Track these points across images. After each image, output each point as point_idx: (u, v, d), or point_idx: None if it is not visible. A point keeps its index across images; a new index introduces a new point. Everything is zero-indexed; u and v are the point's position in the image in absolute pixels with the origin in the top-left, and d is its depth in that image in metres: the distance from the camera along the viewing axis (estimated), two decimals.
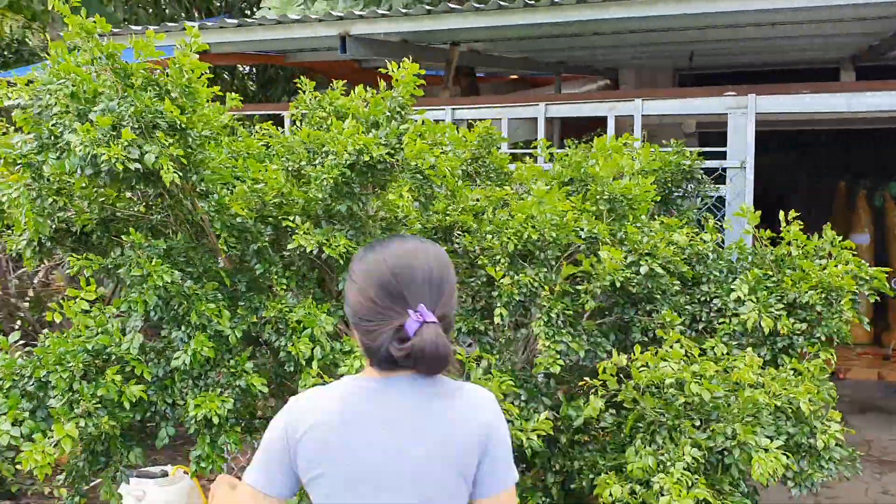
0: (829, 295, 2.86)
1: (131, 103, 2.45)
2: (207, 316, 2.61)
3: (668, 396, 2.46)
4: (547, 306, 2.76)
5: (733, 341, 2.94)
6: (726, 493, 2.37)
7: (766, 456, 2.28)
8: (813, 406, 2.58)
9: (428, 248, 1.53)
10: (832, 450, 2.53)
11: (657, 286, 2.90)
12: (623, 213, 3.08)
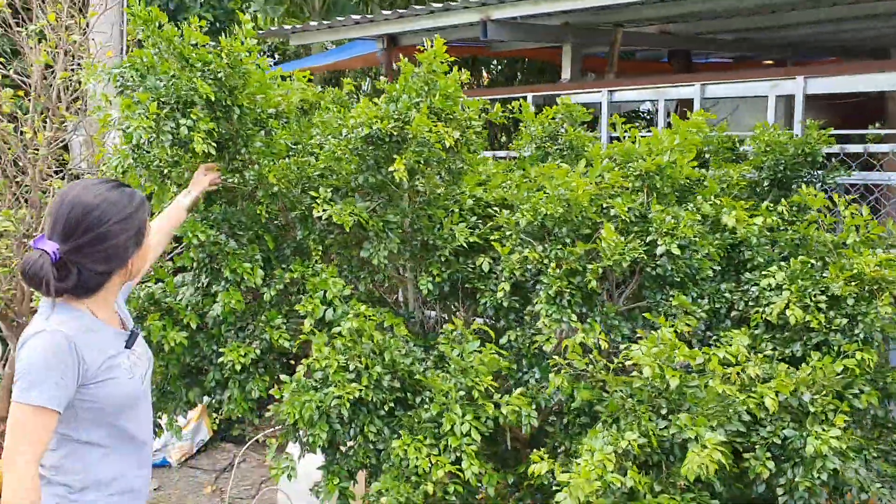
0: (867, 288, 2.52)
1: (171, 82, 2.81)
2: (240, 273, 2.90)
3: (642, 382, 2.35)
4: (547, 283, 2.74)
5: (767, 334, 2.70)
6: (670, 487, 2.22)
7: (699, 450, 2.11)
8: (814, 407, 2.32)
9: (77, 191, 2.03)
10: (829, 458, 2.25)
11: (678, 268, 2.74)
12: (664, 192, 2.93)
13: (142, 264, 2.27)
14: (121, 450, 2.25)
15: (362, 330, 2.71)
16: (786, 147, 3.59)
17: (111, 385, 2.16)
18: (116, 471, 2.25)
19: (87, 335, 2.14)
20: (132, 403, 2.24)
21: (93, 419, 2.19)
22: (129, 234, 2.14)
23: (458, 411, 2.56)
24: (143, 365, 2.31)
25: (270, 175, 2.99)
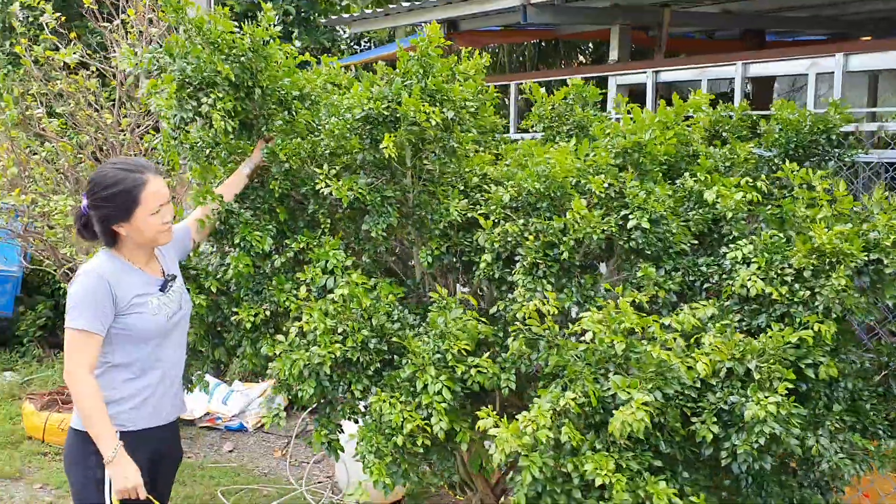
0: (827, 261, 2.57)
1: (196, 65, 3.10)
2: (249, 241, 3.19)
3: (588, 346, 2.50)
4: (524, 254, 2.90)
5: (737, 306, 2.78)
6: (611, 445, 2.36)
7: (625, 411, 2.24)
8: (759, 374, 2.41)
9: (104, 164, 2.32)
10: (767, 423, 2.34)
11: (650, 242, 2.85)
12: (646, 168, 3.04)
13: (154, 232, 2.83)
14: (146, 376, 2.89)
15: (353, 296, 2.94)
16: (800, 124, 3.60)
17: (136, 317, 2.82)
18: (137, 391, 2.87)
19: (119, 275, 2.82)
20: (157, 336, 2.88)
21: (123, 344, 2.83)
22: (112, 205, 2.73)
23: (432, 372, 2.75)
24: (173, 307, 2.94)
25: (281, 153, 3.25)
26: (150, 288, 2.89)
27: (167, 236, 2.91)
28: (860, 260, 2.55)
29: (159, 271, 2.98)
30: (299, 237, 3.24)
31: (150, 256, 2.98)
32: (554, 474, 2.36)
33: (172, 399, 3.03)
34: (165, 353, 2.95)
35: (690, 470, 2.57)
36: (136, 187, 2.77)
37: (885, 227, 2.60)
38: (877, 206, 2.72)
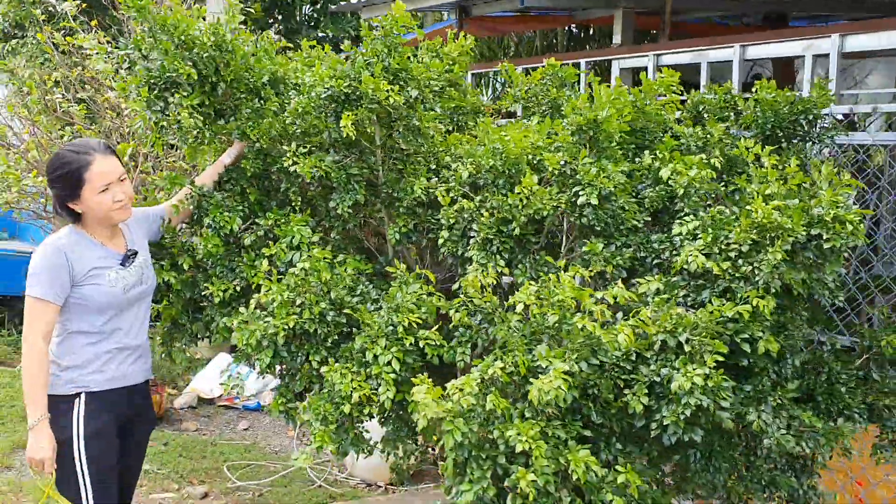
0: (766, 236, 2.57)
1: (158, 63, 3.21)
2: (219, 221, 3.30)
3: (519, 317, 2.54)
4: (477, 230, 2.95)
5: (684, 281, 2.80)
6: (539, 413, 2.40)
7: (545, 379, 2.29)
8: (689, 347, 2.44)
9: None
10: (694, 395, 2.36)
11: (600, 219, 2.88)
12: (604, 146, 3.06)
13: (105, 210, 2.98)
14: (105, 343, 3.06)
15: (314, 269, 3.03)
16: (778, 105, 3.58)
17: (92, 288, 2.99)
18: (97, 356, 3.04)
19: (78, 248, 2.99)
20: (114, 307, 3.04)
21: (80, 313, 3.00)
22: (61, 184, 2.93)
23: (382, 343, 2.83)
24: (132, 281, 3.10)
25: (252, 133, 3.34)
26: (108, 261, 3.05)
27: (122, 213, 3.04)
28: (800, 235, 2.55)
29: (122, 246, 3.14)
30: (268, 214, 3.34)
31: (115, 232, 3.14)
32: (480, 441, 2.41)
33: (136, 365, 3.18)
34: (124, 323, 3.11)
35: (625, 442, 2.60)
36: (81, 167, 2.91)
37: (827, 203, 2.58)
38: (825, 182, 2.71)
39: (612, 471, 2.44)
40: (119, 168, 3.03)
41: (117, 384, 3.11)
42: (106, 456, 3.04)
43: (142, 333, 3.22)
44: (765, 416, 2.65)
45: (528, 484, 2.29)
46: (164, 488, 5.27)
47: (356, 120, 3.11)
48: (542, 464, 2.31)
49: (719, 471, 2.86)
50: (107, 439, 3.05)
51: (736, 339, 2.54)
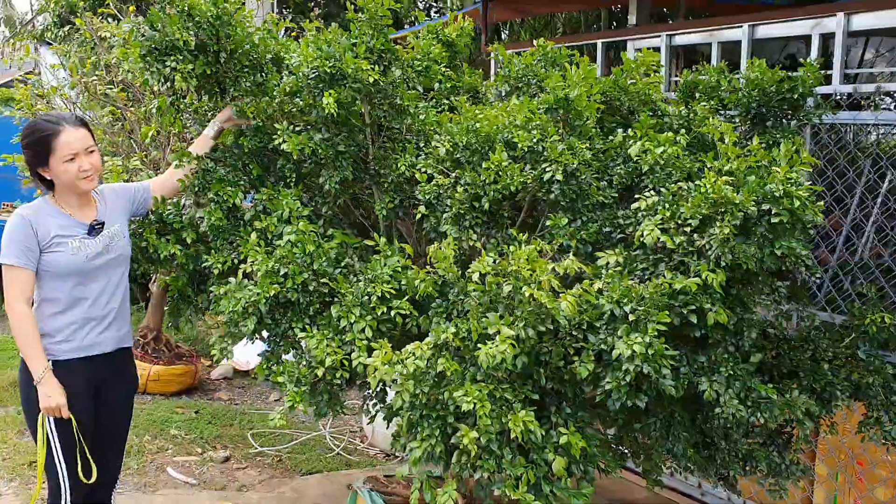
0: (717, 211, 2.64)
1: (159, 31, 3.40)
2: (222, 195, 3.49)
3: (475, 286, 2.67)
4: (450, 205, 3.08)
5: (644, 255, 2.89)
6: (490, 377, 2.53)
7: (491, 345, 2.41)
8: (633, 316, 2.54)
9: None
10: (634, 362, 2.47)
11: (566, 194, 2.98)
12: (575, 124, 3.16)
13: (71, 178, 3.16)
14: (72, 311, 3.24)
15: (299, 242, 3.20)
16: (764, 84, 3.62)
17: (55, 255, 3.17)
18: (65, 326, 3.23)
19: (44, 217, 3.18)
20: (76, 274, 3.20)
21: (47, 280, 3.21)
22: (31, 151, 3.15)
23: (357, 312, 2.99)
24: (96, 250, 3.25)
25: (248, 110, 3.52)
26: (73, 230, 3.21)
27: (87, 183, 3.21)
28: (751, 210, 2.61)
29: (92, 217, 3.30)
30: (262, 190, 3.52)
31: (86, 203, 3.31)
32: (431, 402, 2.55)
33: (106, 334, 3.34)
34: (90, 293, 3.27)
35: (577, 407, 2.71)
36: (48, 136, 3.11)
37: (779, 179, 2.64)
38: (783, 159, 2.76)
39: (556, 432, 2.56)
40: (88, 140, 3.19)
41: (84, 353, 3.28)
42: (76, 416, 3.22)
43: (112, 303, 3.35)
44: (717, 385, 2.73)
45: (471, 441, 2.43)
46: (189, 452, 5.54)
47: (340, 99, 3.25)
48: (486, 423, 2.44)
49: (678, 440, 2.95)
50: (73, 403, 3.21)
51: (683, 311, 2.62)
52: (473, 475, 2.49)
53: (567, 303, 2.47)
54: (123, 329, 3.45)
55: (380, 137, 3.58)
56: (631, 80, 3.64)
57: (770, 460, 3.58)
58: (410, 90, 3.49)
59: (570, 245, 2.97)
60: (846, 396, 3.59)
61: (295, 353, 3.18)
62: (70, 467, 3.27)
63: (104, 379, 3.38)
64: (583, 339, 2.64)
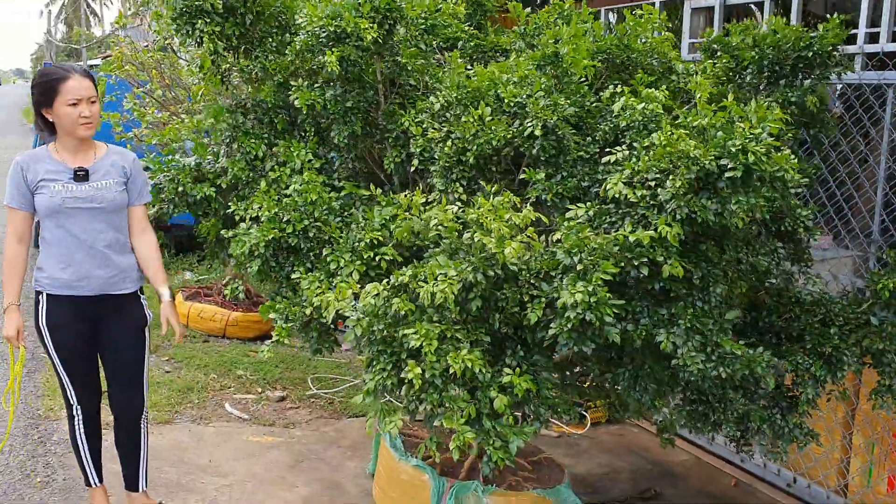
0: (674, 164, 2.68)
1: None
2: (246, 147, 3.77)
3: (436, 233, 2.83)
4: (438, 157, 3.24)
5: (615, 209, 2.97)
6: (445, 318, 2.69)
7: (431, 284, 2.56)
8: (581, 265, 2.64)
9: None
10: (576, 309, 2.57)
11: (545, 150, 3.08)
12: (565, 81, 3.23)
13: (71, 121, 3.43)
14: (57, 249, 3.53)
15: (305, 191, 3.43)
16: (777, 41, 3.58)
17: (39, 196, 3.48)
18: (52, 263, 3.55)
19: (35, 162, 3.51)
20: (55, 214, 3.47)
21: (41, 219, 3.54)
22: (38, 91, 3.47)
23: (347, 256, 3.20)
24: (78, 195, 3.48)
25: (270, 67, 3.76)
26: (59, 175, 3.47)
27: (85, 130, 3.45)
28: (710, 165, 2.64)
29: (79, 162, 3.52)
30: (279, 143, 3.76)
31: (83, 150, 3.54)
32: (387, 339, 2.74)
33: (88, 277, 3.55)
34: (71, 235, 3.50)
35: (531, 351, 2.83)
36: (57, 80, 3.39)
37: (741, 134, 2.66)
38: (753, 116, 2.76)
39: (502, 373, 2.70)
40: (92, 91, 3.43)
41: (68, 291, 3.54)
42: (66, 342, 3.58)
43: (93, 248, 3.53)
44: (674, 337, 2.79)
45: (416, 376, 2.60)
46: (248, 391, 5.95)
47: (345, 56, 3.44)
48: (432, 360, 2.61)
49: (646, 391, 3.02)
50: (65, 331, 3.55)
51: (634, 263, 2.69)
52: (419, 407, 2.66)
53: (511, 249, 2.59)
54: (116, 276, 3.62)
55: (392, 94, 3.74)
56: (644, 39, 3.66)
57: (772, 422, 3.59)
58: (413, 47, 3.63)
59: (547, 199, 3.06)
60: (854, 362, 3.55)
61: (293, 294, 3.42)
62: (75, 387, 3.68)
63: (100, 317, 3.64)
64: (538, 288, 2.76)
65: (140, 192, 3.71)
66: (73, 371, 3.68)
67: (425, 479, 4.04)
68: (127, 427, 3.87)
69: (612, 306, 2.60)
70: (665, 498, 4.85)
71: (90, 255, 3.53)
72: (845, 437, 4.79)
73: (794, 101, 3.55)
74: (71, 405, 3.74)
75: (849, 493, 4.70)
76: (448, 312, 2.73)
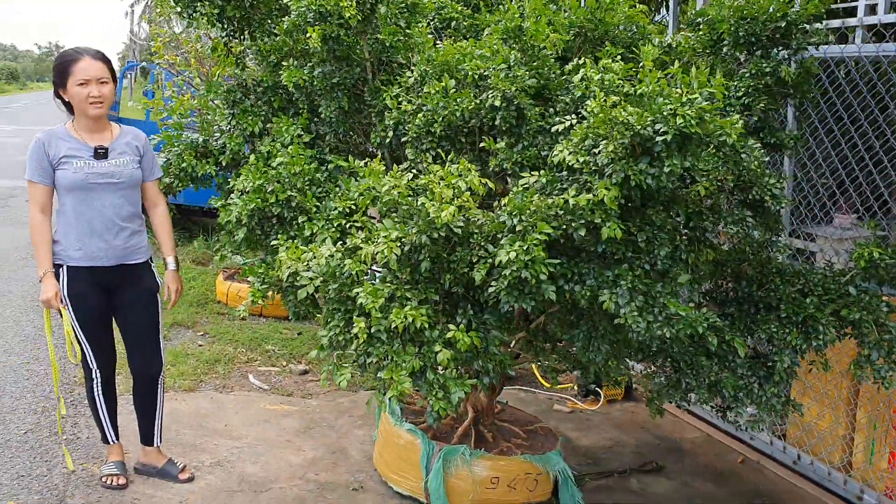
0: (610, 130, 2.79)
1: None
2: (243, 124, 4.01)
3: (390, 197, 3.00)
4: (409, 128, 3.41)
5: (568, 176, 3.09)
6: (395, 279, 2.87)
7: (371, 245, 2.74)
8: (520, 226, 2.77)
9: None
10: (512, 267, 2.71)
11: (505, 120, 3.22)
12: (534, 55, 3.36)
13: (81, 100, 3.71)
14: (75, 224, 3.79)
15: (291, 164, 3.64)
16: (752, 12, 3.63)
17: (61, 172, 3.77)
18: (71, 236, 3.81)
19: (56, 140, 3.79)
20: (76, 189, 3.75)
21: (60, 195, 3.81)
22: (55, 72, 3.74)
23: (321, 224, 3.40)
24: (98, 171, 3.77)
25: (264, 48, 3.99)
26: (80, 152, 3.76)
27: (94, 109, 3.72)
28: (645, 131, 2.73)
29: (98, 140, 3.81)
30: (274, 120, 3.98)
31: (100, 130, 3.83)
32: (342, 298, 2.92)
33: (106, 248, 3.83)
34: (91, 209, 3.78)
35: (481, 311, 2.98)
36: (70, 61, 3.69)
37: (676, 99, 2.75)
38: (695, 82, 2.85)
39: (447, 328, 2.85)
40: (103, 72, 3.70)
41: (87, 262, 3.82)
42: (86, 310, 3.86)
43: (115, 221, 3.82)
44: (617, 297, 2.90)
45: (362, 330, 2.79)
46: (273, 364, 6.23)
47: (329, 34, 3.63)
48: (377, 316, 2.78)
49: (598, 352, 3.14)
50: (86, 300, 3.83)
51: (573, 225, 2.81)
52: (367, 360, 2.84)
53: (447, 213, 2.74)
54: (130, 246, 3.91)
55: (380, 72, 3.92)
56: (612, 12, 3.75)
57: (749, 391, 3.65)
58: (391, 24, 3.80)
59: (507, 167, 3.20)
60: (833, 332, 3.58)
61: (274, 260, 3.63)
62: (94, 352, 3.98)
63: (116, 286, 3.93)
64: (486, 250, 2.90)
65: (152, 168, 4.04)
66: (92, 337, 3.96)
67: (418, 442, 4.22)
68: (144, 386, 4.17)
69: (547, 265, 2.73)
70: (667, 472, 4.92)
71: (109, 228, 3.82)
72: (849, 414, 4.77)
73: (768, 72, 3.59)
74: (91, 369, 4.03)
75: (852, 469, 4.69)
76: (399, 273, 2.90)
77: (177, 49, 7.43)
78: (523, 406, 5.46)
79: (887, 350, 3.56)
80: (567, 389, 6.12)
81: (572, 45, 3.64)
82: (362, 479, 4.47)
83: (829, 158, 4.75)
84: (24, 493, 4.05)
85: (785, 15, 3.58)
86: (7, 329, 6.66)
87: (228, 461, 4.57)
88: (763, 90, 3.58)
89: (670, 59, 3.58)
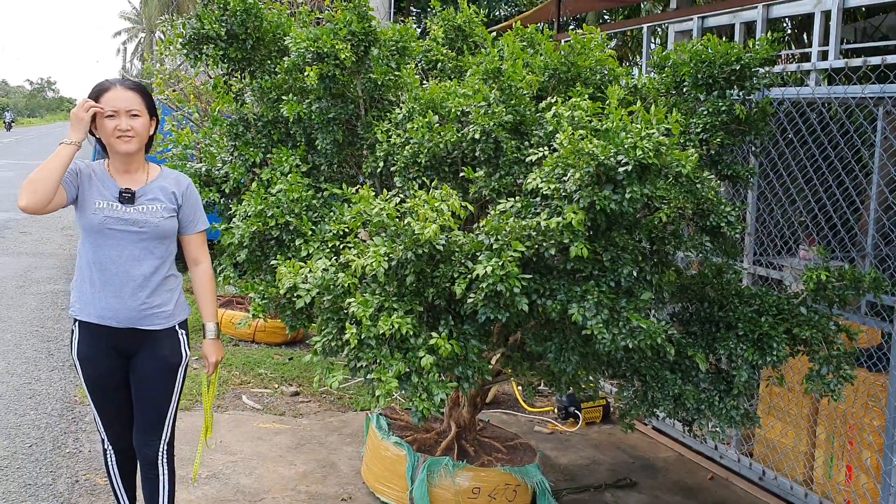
0: (577, 160, 3.14)
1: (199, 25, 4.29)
2: (245, 155, 4.35)
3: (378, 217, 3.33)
4: (396, 160, 3.75)
5: (541, 202, 3.43)
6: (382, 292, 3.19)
7: (361, 259, 3.07)
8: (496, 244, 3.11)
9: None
10: (487, 281, 3.04)
11: (483, 151, 3.57)
12: (508, 94, 3.73)
13: (108, 134, 3.24)
14: (88, 276, 3.32)
15: (289, 191, 3.98)
16: (708, 56, 4.01)
17: (81, 208, 3.26)
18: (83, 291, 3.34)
19: (90, 174, 3.29)
20: (93, 232, 3.27)
21: (81, 236, 3.34)
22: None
23: (315, 245, 3.72)
24: (123, 218, 3.25)
25: (265, 85, 4.35)
26: (105, 193, 3.28)
27: (122, 144, 3.24)
28: (607, 161, 3.08)
29: (127, 182, 3.33)
30: (274, 151, 4.33)
31: (133, 170, 3.35)
32: (336, 308, 3.24)
33: (118, 307, 3.31)
34: (106, 257, 3.27)
35: (462, 322, 3.30)
36: (100, 92, 3.25)
37: (636, 133, 3.10)
38: (654, 118, 3.21)
39: (430, 336, 3.18)
40: (133, 104, 3.25)
41: (100, 321, 3.32)
42: (96, 376, 3.41)
43: (130, 275, 3.30)
44: (584, 310, 3.22)
45: (352, 336, 3.11)
46: (265, 386, 6.51)
47: (326, 73, 3.99)
48: (367, 324, 3.10)
49: (569, 362, 3.46)
50: (95, 364, 3.39)
51: (544, 245, 3.14)
52: (358, 364, 3.16)
53: (430, 231, 3.07)
54: (149, 309, 3.36)
55: (372, 108, 4.28)
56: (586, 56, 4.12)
57: (710, 403, 3.97)
58: (384, 66, 4.17)
59: (485, 194, 3.55)
60: (781, 348, 3.91)
61: (272, 278, 3.95)
62: (104, 423, 3.54)
63: (134, 350, 3.42)
64: (467, 266, 3.23)
65: (194, 219, 3.50)
66: (102, 406, 3.51)
67: (403, 454, 4.51)
68: (143, 467, 3.59)
69: (520, 279, 3.06)
70: (639, 487, 5.21)
71: (125, 283, 3.30)
72: (809, 431, 5.09)
73: (724, 110, 3.97)
74: (102, 439, 3.61)
75: (813, 483, 5.00)
76: (387, 286, 3.22)
77: (176, 84, 7.80)
78: (505, 427, 5.75)
79: (835, 365, 3.90)
80: (547, 412, 6.42)
81: (547, 85, 4.01)
82: (351, 490, 4.75)
83: (788, 192, 5.12)
84: (31, 500, 4.31)
85: (739, 59, 3.97)
86: (8, 352, 6.93)
87: (224, 474, 4.84)
88: (720, 127, 3.96)
89: (634, 98, 3.95)
